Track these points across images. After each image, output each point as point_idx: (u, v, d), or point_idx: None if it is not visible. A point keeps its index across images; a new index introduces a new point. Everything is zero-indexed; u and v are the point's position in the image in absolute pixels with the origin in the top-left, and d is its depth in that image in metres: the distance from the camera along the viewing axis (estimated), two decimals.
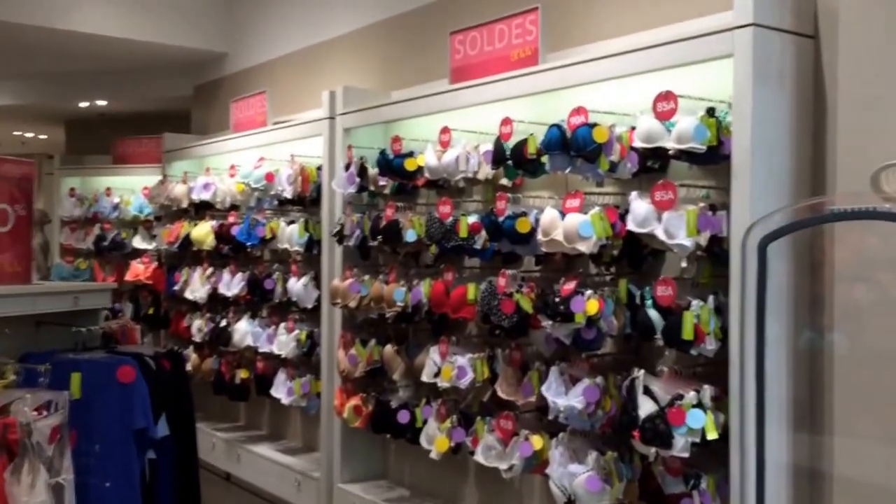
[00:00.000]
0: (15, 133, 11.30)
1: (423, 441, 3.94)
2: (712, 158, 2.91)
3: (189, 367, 5.85)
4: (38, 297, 3.07)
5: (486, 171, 3.73)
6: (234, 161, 5.60)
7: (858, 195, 2.40)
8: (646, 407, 2.87)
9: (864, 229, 2.74)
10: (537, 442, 3.35)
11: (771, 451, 2.62)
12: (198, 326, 5.83)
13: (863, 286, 2.79)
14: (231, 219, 5.45)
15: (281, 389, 5.05)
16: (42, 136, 11.25)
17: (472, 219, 3.67)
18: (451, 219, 3.74)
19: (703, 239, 2.83)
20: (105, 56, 7.11)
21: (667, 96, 2.93)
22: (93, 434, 2.92)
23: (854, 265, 2.80)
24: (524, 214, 3.39)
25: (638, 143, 3.03)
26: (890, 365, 2.69)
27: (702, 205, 2.90)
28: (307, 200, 4.95)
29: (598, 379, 3.10)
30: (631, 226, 2.98)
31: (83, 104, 8.57)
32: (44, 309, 3.08)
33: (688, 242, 2.83)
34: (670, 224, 2.88)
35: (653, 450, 2.83)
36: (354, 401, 4.33)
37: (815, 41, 2.90)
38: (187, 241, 5.86)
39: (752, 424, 2.56)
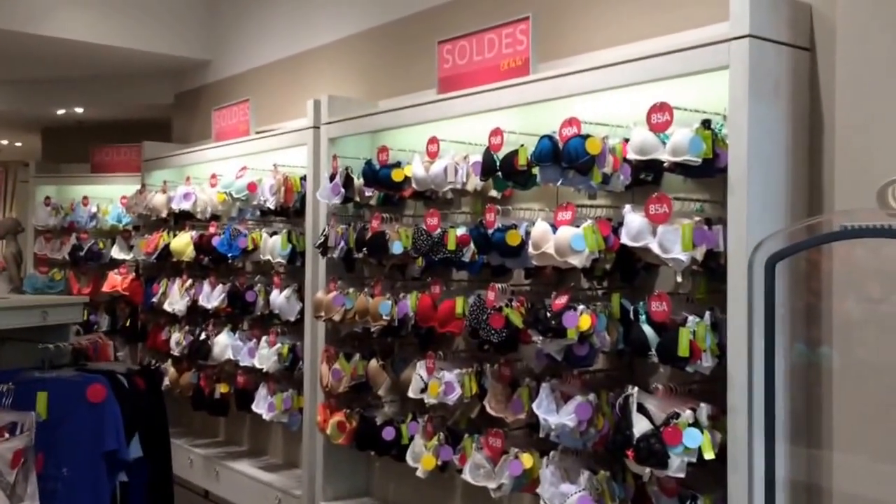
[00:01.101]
0: None
1: (408, 458, 3.84)
2: (707, 171, 2.85)
3: (167, 381, 5.73)
4: (2, 312, 2.94)
5: (475, 183, 3.67)
6: (215, 171, 5.49)
7: (866, 212, 2.36)
8: (640, 425, 2.80)
9: (857, 242, 2.70)
10: (527, 460, 3.26)
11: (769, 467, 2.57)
12: (176, 339, 5.70)
13: (858, 299, 2.75)
14: (212, 229, 5.33)
15: (262, 404, 4.93)
16: (17, 144, 11.05)
17: (461, 231, 3.59)
18: (438, 231, 3.66)
19: (699, 253, 2.78)
20: (83, 63, 6.98)
21: (661, 108, 2.87)
22: (60, 457, 2.80)
23: (849, 278, 2.75)
24: (514, 227, 3.32)
25: (632, 156, 2.97)
26: (886, 378, 2.65)
27: (697, 219, 2.85)
28: (291, 211, 4.85)
29: (591, 396, 3.03)
30: (625, 239, 2.92)
31: (60, 111, 8.42)
32: (9, 324, 2.95)
33: (683, 257, 2.78)
34: (665, 238, 2.81)
35: (647, 470, 2.76)
36: (338, 416, 4.23)
37: (812, 54, 2.86)
38: (166, 251, 5.74)
39: (758, 442, 2.50)
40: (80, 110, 8.36)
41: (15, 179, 9.98)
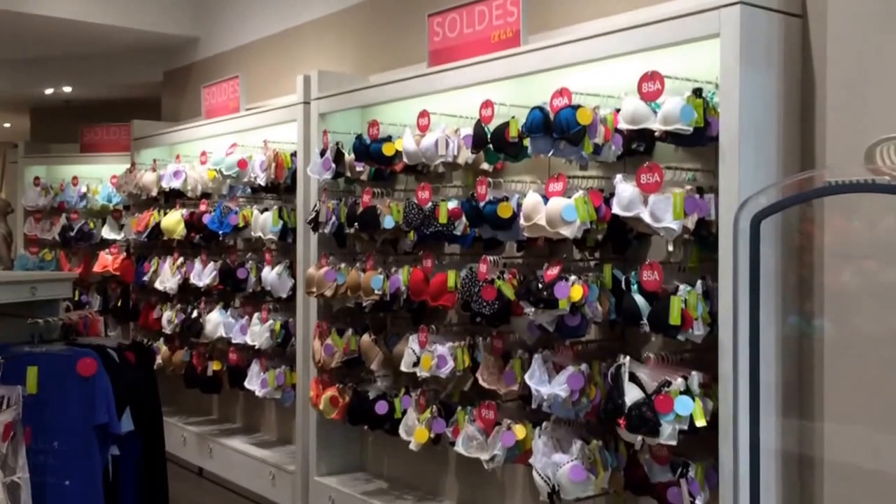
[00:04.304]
0: None
1: (401, 432, 3.85)
2: (699, 140, 2.85)
3: (159, 359, 5.72)
4: None
5: (467, 156, 3.65)
6: (205, 148, 5.46)
7: (852, 168, 2.36)
8: (632, 394, 2.81)
9: (850, 212, 2.70)
10: (520, 431, 3.27)
11: (761, 437, 2.57)
12: (168, 318, 5.69)
13: (850, 270, 2.76)
14: (202, 207, 5.31)
15: (255, 381, 4.93)
16: (6, 125, 10.98)
17: (452, 204, 3.59)
18: (430, 204, 3.65)
19: (691, 222, 2.77)
20: (71, 41, 6.92)
21: (652, 76, 2.86)
22: (51, 431, 2.79)
23: (841, 248, 2.76)
24: (506, 199, 3.31)
25: (623, 125, 2.96)
26: (878, 349, 2.66)
27: (688, 187, 2.84)
28: (281, 187, 4.84)
29: (583, 366, 3.04)
30: (616, 209, 2.92)
31: (48, 91, 8.36)
32: None
33: (675, 226, 2.77)
34: (656, 207, 2.81)
35: (639, 438, 2.77)
36: (331, 392, 4.23)
37: (803, 20, 2.85)
38: (157, 230, 5.71)
39: (744, 410, 2.50)
40: (68, 89, 8.29)
41: (4, 160, 9.90)
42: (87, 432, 2.83)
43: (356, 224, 4.00)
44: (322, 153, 4.27)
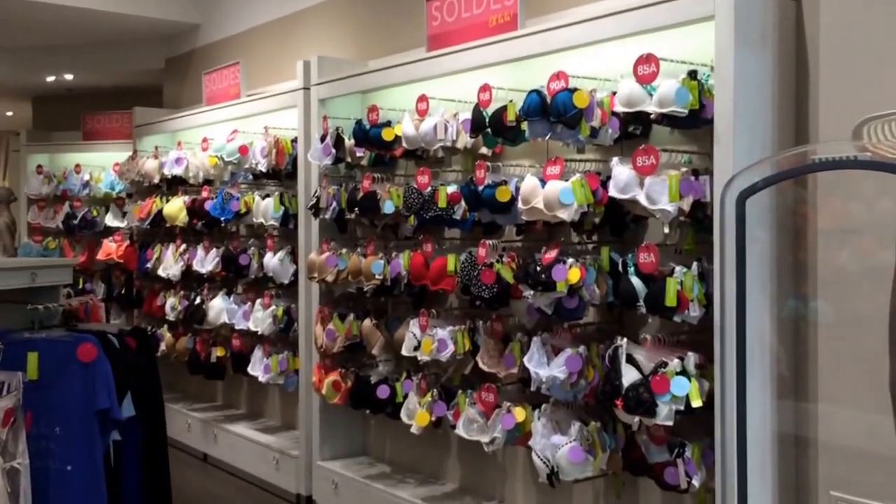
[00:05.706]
0: None
1: (403, 416, 3.88)
2: (694, 122, 2.85)
3: (163, 346, 5.76)
4: None
5: (465, 140, 3.66)
6: (206, 135, 5.48)
7: (840, 145, 2.36)
8: (629, 375, 2.83)
9: (845, 194, 2.71)
10: (520, 414, 3.30)
11: (755, 418, 2.58)
12: (171, 305, 5.72)
13: (845, 251, 2.76)
14: (204, 193, 5.33)
15: (258, 367, 4.97)
16: (8, 113, 10.99)
17: (451, 188, 3.60)
18: (429, 189, 3.66)
19: (686, 204, 2.78)
20: (73, 28, 6.92)
21: (648, 59, 2.87)
22: (52, 416, 2.82)
23: (836, 231, 2.77)
24: (504, 183, 3.32)
25: (619, 108, 2.97)
26: (872, 330, 2.66)
27: (684, 170, 2.85)
28: (283, 173, 4.85)
29: (581, 348, 3.05)
30: (613, 192, 2.93)
31: (50, 78, 8.37)
32: None
33: (670, 208, 2.78)
34: (652, 189, 2.82)
35: (636, 418, 2.79)
36: (333, 377, 4.26)
37: (797, 2, 2.84)
38: (159, 217, 5.74)
39: (731, 389, 2.52)
40: (70, 77, 8.30)
41: (7, 148, 9.93)
42: (88, 418, 2.85)
43: (357, 209, 4.02)
44: (322, 139, 4.28)
